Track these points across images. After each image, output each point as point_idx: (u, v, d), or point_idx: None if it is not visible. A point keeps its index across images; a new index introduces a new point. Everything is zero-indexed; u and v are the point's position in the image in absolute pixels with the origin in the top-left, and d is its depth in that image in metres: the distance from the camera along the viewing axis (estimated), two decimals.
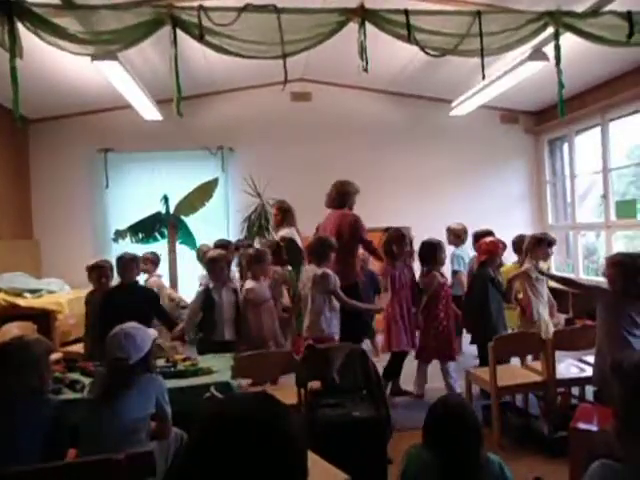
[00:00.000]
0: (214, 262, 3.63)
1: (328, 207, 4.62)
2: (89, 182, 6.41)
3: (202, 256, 4.59)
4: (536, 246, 3.92)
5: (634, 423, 0.98)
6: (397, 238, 4.05)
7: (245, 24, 3.10)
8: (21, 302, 4.66)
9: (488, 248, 4.13)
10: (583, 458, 2.21)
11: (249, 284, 3.70)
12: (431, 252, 4.06)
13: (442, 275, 4.11)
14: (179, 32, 3.11)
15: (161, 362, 2.96)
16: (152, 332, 2.21)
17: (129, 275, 3.76)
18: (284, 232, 4.71)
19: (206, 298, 3.54)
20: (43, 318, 4.59)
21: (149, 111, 5.46)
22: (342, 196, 4.53)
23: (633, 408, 0.99)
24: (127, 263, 3.73)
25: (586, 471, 1.62)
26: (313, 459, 2.19)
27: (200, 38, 3.07)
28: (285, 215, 4.83)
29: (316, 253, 3.68)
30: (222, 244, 4.58)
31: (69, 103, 5.90)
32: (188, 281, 5.59)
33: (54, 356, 3.91)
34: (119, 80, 4.34)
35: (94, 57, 3.55)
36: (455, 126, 6.76)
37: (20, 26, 2.90)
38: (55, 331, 4.55)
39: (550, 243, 4.00)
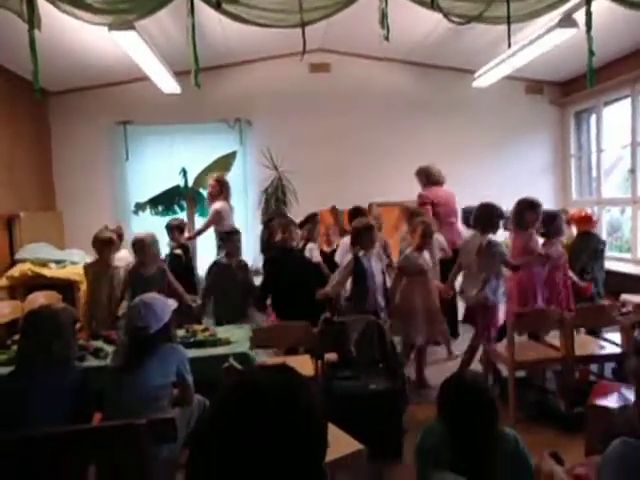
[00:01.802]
0: (368, 230, 3.63)
1: (433, 185, 5.22)
2: (109, 154, 6.45)
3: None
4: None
5: None
6: (529, 206, 3.92)
7: None
8: (46, 272, 4.78)
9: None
10: (600, 435, 2.21)
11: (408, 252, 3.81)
12: (552, 221, 3.97)
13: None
14: (196, 1, 3.05)
15: (181, 332, 3.02)
16: (172, 302, 2.25)
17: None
18: (219, 205, 5.06)
19: (356, 265, 3.55)
20: (67, 288, 4.72)
21: (167, 83, 5.42)
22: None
23: None
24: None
25: (604, 448, 1.61)
26: (330, 429, 2.24)
27: (217, 6, 3.01)
28: (222, 189, 5.16)
29: (483, 221, 3.69)
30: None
31: (88, 75, 5.89)
32: (206, 252, 5.65)
33: (78, 325, 4.06)
34: (137, 51, 4.30)
35: (111, 27, 3.51)
36: (478, 98, 6.57)
37: None
38: (78, 301, 4.67)
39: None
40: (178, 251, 4.76)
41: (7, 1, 2.83)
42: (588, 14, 3.40)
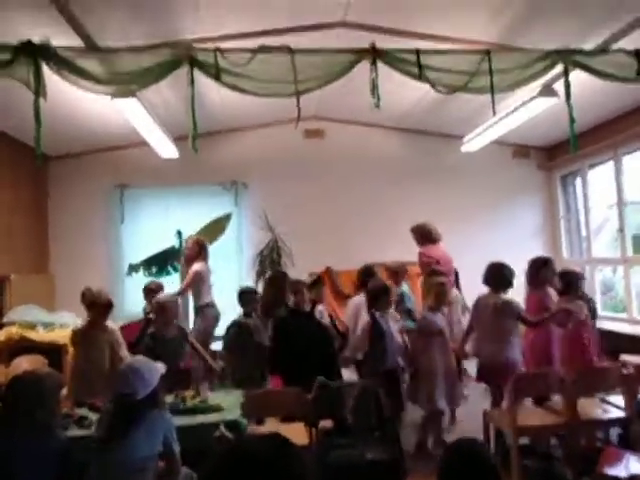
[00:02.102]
0: (386, 291, 3.79)
1: (431, 243, 5.22)
2: (105, 217, 6.51)
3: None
4: None
5: None
6: (544, 263, 4.03)
7: (260, 64, 3.20)
8: (33, 335, 4.66)
9: None
10: None
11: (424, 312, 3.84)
12: (570, 277, 4.02)
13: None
14: (196, 72, 3.22)
15: (170, 398, 2.91)
16: (159, 366, 2.17)
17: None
18: (198, 266, 5.03)
19: (374, 326, 3.64)
20: (54, 352, 4.58)
21: (166, 148, 5.59)
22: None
23: None
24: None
25: None
26: None
27: (217, 78, 3.16)
28: (201, 250, 5.14)
29: (495, 280, 3.73)
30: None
31: (88, 140, 6.07)
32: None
33: (64, 391, 3.90)
34: (137, 117, 4.46)
35: (114, 95, 3.66)
36: (467, 162, 6.80)
37: (44, 67, 3.01)
38: (66, 365, 4.52)
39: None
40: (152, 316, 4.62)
41: (15, 72, 2.97)
42: (567, 85, 3.61)
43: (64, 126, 5.20)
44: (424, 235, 5.27)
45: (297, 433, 2.92)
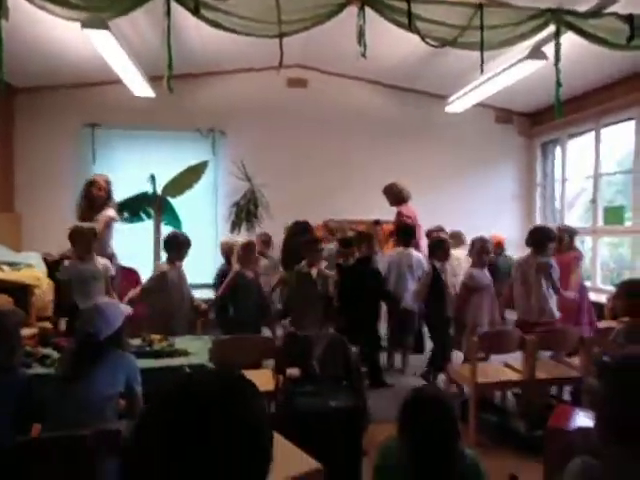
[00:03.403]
0: (443, 243, 4.14)
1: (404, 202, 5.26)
2: (75, 157, 6.25)
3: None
4: None
5: (617, 422, 0.94)
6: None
7: (242, 0, 3.01)
8: None
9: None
10: (560, 458, 2.20)
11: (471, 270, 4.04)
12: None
13: None
14: (174, 4, 3.01)
15: (137, 341, 2.90)
16: (125, 308, 2.13)
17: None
18: (111, 212, 4.40)
19: (434, 275, 3.97)
20: (20, 292, 4.47)
21: (140, 86, 5.33)
22: None
23: (616, 407, 0.95)
24: None
25: (562, 469, 1.59)
26: (287, 446, 2.15)
27: (195, 11, 2.97)
28: (110, 194, 4.46)
29: (537, 242, 3.86)
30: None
31: (58, 73, 5.73)
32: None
33: (29, 331, 3.83)
34: (110, 51, 4.21)
35: (84, 24, 3.42)
36: (450, 123, 6.73)
37: None
38: (32, 306, 4.44)
39: None
40: None
41: None
42: (557, 46, 3.54)
43: (31, 55, 4.89)
44: (398, 195, 5.25)
45: (264, 379, 2.96)
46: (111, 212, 4.35)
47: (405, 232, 4.72)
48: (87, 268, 3.60)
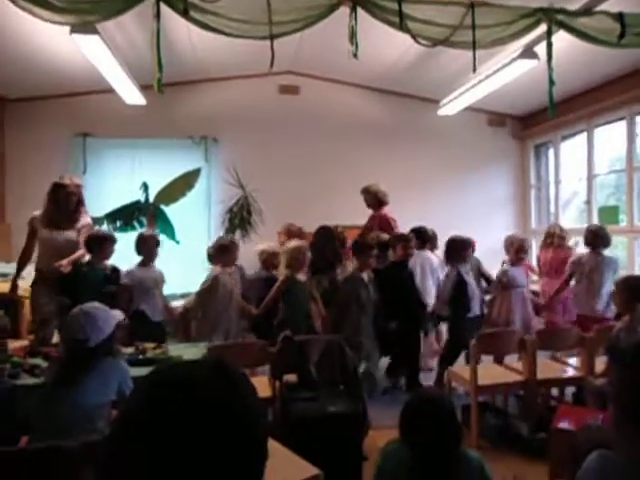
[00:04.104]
0: (465, 244, 4.10)
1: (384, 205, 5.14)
2: (66, 167, 6.14)
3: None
4: None
5: (635, 411, 0.89)
6: None
7: (232, 1, 2.99)
8: None
9: None
10: (566, 459, 2.15)
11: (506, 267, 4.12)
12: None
13: None
14: (163, 8, 2.98)
15: (130, 349, 2.82)
16: (117, 314, 2.07)
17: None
18: (89, 218, 4.09)
19: (457, 278, 3.94)
20: (10, 303, 4.39)
21: (131, 94, 5.29)
22: None
23: (634, 394, 0.90)
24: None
25: (570, 471, 1.54)
26: (286, 453, 2.09)
27: (184, 13, 2.94)
28: (81, 198, 4.02)
29: (598, 240, 4.02)
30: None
31: (48, 83, 5.69)
32: (166, 270, 5.41)
33: (19, 343, 3.74)
34: (99, 57, 4.17)
35: (73, 29, 3.38)
36: (442, 127, 6.74)
37: None
38: (23, 317, 4.36)
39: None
40: None
41: None
42: (549, 45, 3.53)
43: (20, 64, 4.86)
44: (380, 198, 5.17)
45: (261, 386, 2.90)
46: (89, 219, 4.08)
47: (419, 235, 4.67)
48: (149, 275, 3.72)
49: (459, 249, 4.03)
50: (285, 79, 6.50)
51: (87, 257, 3.78)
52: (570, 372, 3.32)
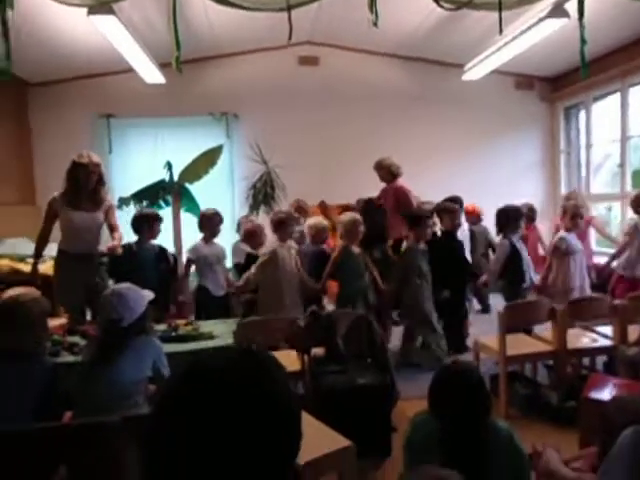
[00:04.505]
0: (517, 213, 4.06)
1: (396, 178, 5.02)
2: (91, 148, 6.21)
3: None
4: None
5: None
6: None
7: None
8: (24, 267, 4.61)
9: None
10: (596, 428, 2.14)
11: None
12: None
13: None
14: None
15: (162, 326, 2.91)
16: (147, 293, 2.12)
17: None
18: (110, 198, 3.86)
19: (511, 248, 3.91)
20: (46, 284, 4.55)
21: (150, 73, 5.30)
22: None
23: None
24: None
25: (602, 440, 1.53)
26: (317, 425, 2.14)
27: None
28: (102, 177, 3.73)
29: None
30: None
31: (68, 66, 5.73)
32: None
33: (57, 321, 3.90)
34: (117, 37, 4.17)
35: (90, 11, 3.38)
36: (467, 92, 6.53)
37: None
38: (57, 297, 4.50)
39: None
40: None
41: None
42: (580, 1, 3.34)
43: (39, 48, 4.88)
44: (393, 171, 5.06)
45: (290, 360, 2.96)
46: (110, 198, 3.90)
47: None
48: (212, 251, 3.79)
49: (512, 218, 3.98)
50: (304, 50, 6.38)
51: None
52: (602, 341, 3.27)
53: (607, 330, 3.39)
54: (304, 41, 6.25)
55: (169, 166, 6.02)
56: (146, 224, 3.78)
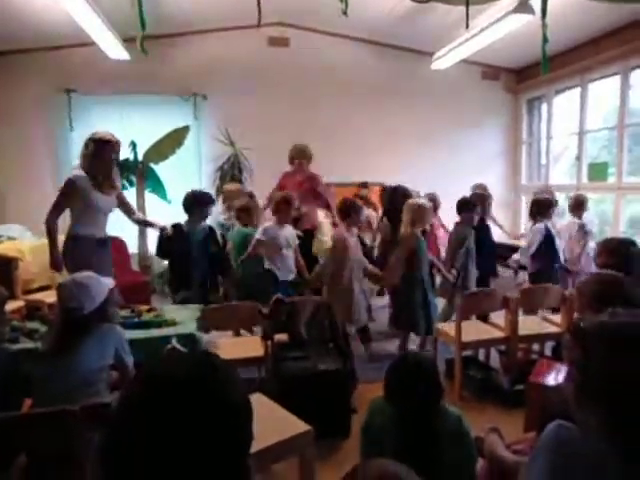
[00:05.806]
0: (549, 202, 4.38)
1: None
2: (51, 125, 6.05)
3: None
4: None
5: (591, 389, 0.96)
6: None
7: None
8: None
9: None
10: (539, 412, 2.29)
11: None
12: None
13: None
14: None
15: (126, 312, 2.90)
16: (108, 281, 2.12)
17: None
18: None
19: (546, 232, 4.17)
20: (4, 265, 4.42)
21: (114, 48, 5.11)
22: None
23: (591, 373, 0.97)
24: None
25: (541, 425, 1.65)
26: (278, 410, 2.21)
27: None
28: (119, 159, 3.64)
29: None
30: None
31: (27, 36, 5.46)
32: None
33: (15, 304, 3.81)
34: (78, 9, 4.00)
35: None
36: (435, 80, 6.61)
37: None
38: (16, 279, 4.40)
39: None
40: None
41: None
42: (544, 1, 3.43)
43: None
44: (309, 156, 5.02)
45: (253, 346, 3.01)
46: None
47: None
48: (283, 233, 3.75)
49: (547, 207, 4.35)
50: (275, 30, 6.29)
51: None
52: (550, 328, 3.46)
53: (555, 317, 3.60)
54: (274, 22, 6.15)
55: (133, 145, 5.88)
56: (203, 205, 3.71)
